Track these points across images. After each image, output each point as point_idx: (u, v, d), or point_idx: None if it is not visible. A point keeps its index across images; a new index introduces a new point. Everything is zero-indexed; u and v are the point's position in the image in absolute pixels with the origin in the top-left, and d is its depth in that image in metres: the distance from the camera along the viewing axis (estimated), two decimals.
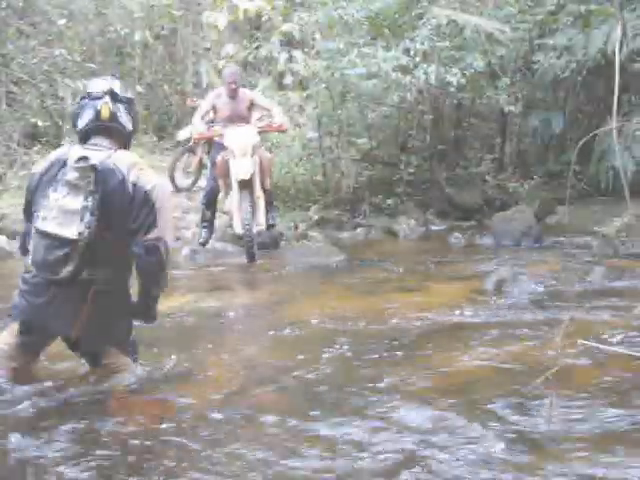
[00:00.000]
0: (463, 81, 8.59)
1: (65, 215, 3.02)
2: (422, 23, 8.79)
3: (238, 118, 7.10)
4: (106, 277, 3.11)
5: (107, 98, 3.21)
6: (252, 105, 7.28)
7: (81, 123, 3.22)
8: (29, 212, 3.22)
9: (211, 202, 7.36)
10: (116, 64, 13.90)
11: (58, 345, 3.35)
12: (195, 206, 8.67)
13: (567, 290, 5.35)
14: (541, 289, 5.30)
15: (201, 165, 9.94)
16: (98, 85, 3.27)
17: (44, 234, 3.04)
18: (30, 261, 3.08)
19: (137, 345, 3.42)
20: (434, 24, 8.67)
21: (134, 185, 3.10)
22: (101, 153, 3.12)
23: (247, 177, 6.70)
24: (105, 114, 3.20)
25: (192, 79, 14.10)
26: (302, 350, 3.98)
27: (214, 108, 7.26)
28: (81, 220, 3.01)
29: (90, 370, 3.35)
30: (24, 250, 3.27)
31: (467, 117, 10.54)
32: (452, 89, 8.85)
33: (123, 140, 3.29)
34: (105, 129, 3.22)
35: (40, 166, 3.23)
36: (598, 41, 8.71)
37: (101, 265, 3.09)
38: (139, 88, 13.53)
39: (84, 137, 3.22)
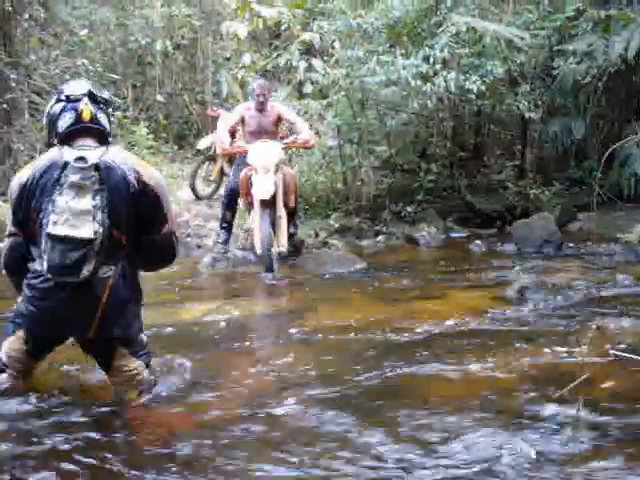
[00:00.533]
0: (483, 88, 8.57)
1: (77, 217, 3.00)
2: (441, 30, 8.79)
3: (265, 132, 6.99)
4: (119, 273, 3.13)
5: (86, 100, 3.22)
6: (280, 120, 7.19)
7: (62, 125, 3.20)
8: (25, 220, 3.16)
9: (232, 202, 7.26)
10: (137, 74, 14.05)
11: (68, 349, 3.37)
12: (215, 214, 8.69)
13: (589, 297, 5.32)
14: (563, 296, 5.26)
15: (222, 173, 9.98)
16: (76, 88, 3.28)
17: (58, 239, 3.00)
18: (45, 267, 3.03)
19: (150, 349, 3.37)
20: (453, 31, 8.67)
21: (137, 180, 3.14)
22: (95, 152, 3.13)
23: (267, 197, 6.58)
24: (87, 115, 3.20)
25: (212, 88, 14.20)
26: (322, 358, 3.98)
27: (242, 120, 7.14)
28: (94, 219, 3.01)
29: (106, 376, 3.33)
30: (14, 265, 3.24)
31: (487, 124, 10.54)
32: (472, 96, 8.83)
33: (104, 140, 3.28)
34: (87, 130, 3.22)
35: (25, 174, 3.17)
36: (618, 46, 8.66)
37: (115, 261, 3.11)
38: (159, 97, 13.68)
39: (65, 139, 3.21)
